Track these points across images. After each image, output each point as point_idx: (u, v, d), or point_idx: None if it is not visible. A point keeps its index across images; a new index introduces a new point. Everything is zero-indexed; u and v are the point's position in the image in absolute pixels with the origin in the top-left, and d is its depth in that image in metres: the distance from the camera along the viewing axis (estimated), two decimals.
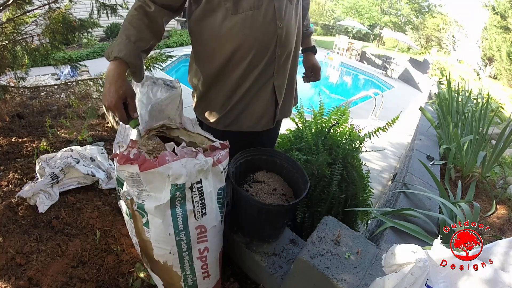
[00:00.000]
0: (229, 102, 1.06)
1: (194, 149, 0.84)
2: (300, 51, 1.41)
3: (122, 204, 0.94)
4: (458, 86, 3.07)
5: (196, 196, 0.84)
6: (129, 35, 0.86)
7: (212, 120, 1.10)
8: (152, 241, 0.87)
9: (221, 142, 0.93)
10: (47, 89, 2.73)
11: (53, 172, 1.41)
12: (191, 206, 0.84)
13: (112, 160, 1.69)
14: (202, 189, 0.84)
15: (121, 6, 2.11)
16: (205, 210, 0.87)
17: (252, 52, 0.97)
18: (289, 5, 0.99)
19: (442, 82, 6.01)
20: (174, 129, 1.07)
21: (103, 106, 0.90)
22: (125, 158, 0.77)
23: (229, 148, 0.95)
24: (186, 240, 0.87)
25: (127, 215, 0.91)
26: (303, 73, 1.43)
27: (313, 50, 1.41)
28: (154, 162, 0.76)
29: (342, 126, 1.49)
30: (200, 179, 0.83)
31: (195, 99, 1.15)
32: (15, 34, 1.91)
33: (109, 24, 7.07)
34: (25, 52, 1.96)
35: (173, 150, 0.82)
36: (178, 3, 0.96)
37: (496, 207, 1.76)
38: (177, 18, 9.84)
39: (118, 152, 0.79)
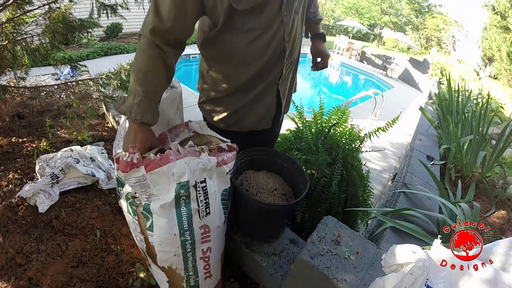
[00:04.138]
0: (235, 106, 1.08)
1: (197, 149, 0.84)
2: (309, 38, 1.39)
3: (123, 203, 0.94)
4: (458, 86, 3.07)
5: (201, 195, 0.84)
6: (147, 92, 0.83)
7: (215, 119, 1.13)
8: (156, 245, 0.87)
9: (229, 144, 0.94)
10: (47, 89, 2.73)
11: (53, 172, 1.42)
12: (196, 205, 0.84)
13: (113, 160, 1.69)
14: (207, 188, 0.85)
15: (121, 6, 2.10)
16: (209, 209, 0.88)
17: (261, 65, 0.99)
18: (296, 17, 0.98)
19: (442, 82, 6.00)
20: (188, 140, 1.06)
21: (122, 149, 0.85)
22: (130, 164, 0.77)
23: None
24: (190, 240, 0.87)
25: (130, 213, 0.91)
26: (312, 62, 1.36)
27: (321, 37, 1.33)
28: (159, 161, 0.78)
29: (342, 126, 1.49)
30: (205, 178, 0.84)
31: (203, 96, 1.14)
32: (15, 34, 1.91)
33: (109, 24, 7.05)
34: (25, 52, 1.96)
35: (178, 150, 0.83)
36: (187, 36, 0.90)
37: (496, 207, 1.76)
38: None
39: (119, 159, 0.78)
